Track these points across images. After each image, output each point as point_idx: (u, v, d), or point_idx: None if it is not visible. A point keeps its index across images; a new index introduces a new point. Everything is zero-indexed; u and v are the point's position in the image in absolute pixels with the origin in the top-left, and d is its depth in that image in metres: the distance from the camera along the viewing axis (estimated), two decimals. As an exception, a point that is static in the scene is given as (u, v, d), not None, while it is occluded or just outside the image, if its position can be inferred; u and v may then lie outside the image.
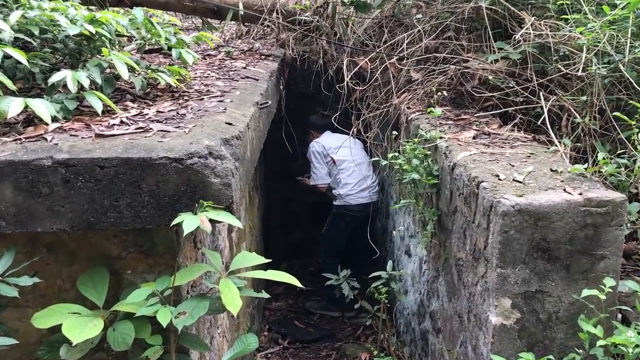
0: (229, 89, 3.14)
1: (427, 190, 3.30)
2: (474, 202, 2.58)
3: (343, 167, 5.22)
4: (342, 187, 5.22)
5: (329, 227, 5.45)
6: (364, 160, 5.32)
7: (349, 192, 5.19)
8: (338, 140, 5.14)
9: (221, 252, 3.20)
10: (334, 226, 5.37)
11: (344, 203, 5.22)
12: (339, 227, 5.33)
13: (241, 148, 2.26)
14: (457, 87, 4.10)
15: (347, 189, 5.20)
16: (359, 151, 5.34)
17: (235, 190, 2.03)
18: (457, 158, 2.89)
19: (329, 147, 5.29)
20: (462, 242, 2.83)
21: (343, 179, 5.22)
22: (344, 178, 5.21)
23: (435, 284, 3.51)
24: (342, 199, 5.23)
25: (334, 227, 5.38)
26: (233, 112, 2.59)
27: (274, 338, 4.91)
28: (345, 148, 4.93)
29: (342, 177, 5.22)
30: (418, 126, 3.69)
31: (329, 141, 5.33)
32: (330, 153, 5.28)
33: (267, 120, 3.40)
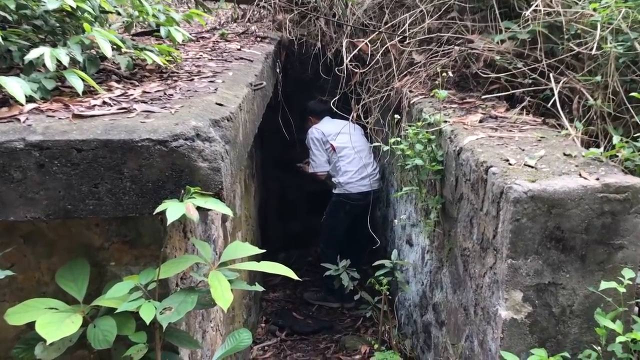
0: (221, 70, 2.97)
1: (430, 177, 3.14)
2: (482, 188, 2.42)
3: (343, 154, 5.04)
4: (342, 175, 5.05)
5: (328, 216, 5.29)
6: (365, 147, 5.15)
7: (349, 180, 5.03)
8: (338, 126, 4.96)
9: (214, 242, 3.05)
10: (334, 215, 5.21)
11: (343, 191, 5.06)
12: (338, 216, 5.17)
13: (232, 130, 2.09)
14: (461, 69, 3.92)
15: (347, 176, 5.03)
16: (359, 137, 5.16)
17: (225, 175, 1.87)
18: (463, 142, 2.73)
19: (329, 133, 5.11)
20: (468, 231, 2.67)
21: (343, 167, 5.05)
22: (343, 165, 5.04)
23: (438, 275, 3.36)
24: (341, 187, 5.06)
25: (333, 216, 5.22)
26: (224, 92, 2.42)
27: (272, 330, 4.77)
28: (345, 134, 4.76)
29: (341, 164, 5.05)
30: (421, 110, 3.52)
31: (329, 127, 5.15)
32: (329, 140, 5.10)
33: (262, 103, 3.23)
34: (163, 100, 2.22)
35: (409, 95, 3.92)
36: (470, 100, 3.56)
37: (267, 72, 3.74)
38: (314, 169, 5.26)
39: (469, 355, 2.75)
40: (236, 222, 3.93)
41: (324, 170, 5.20)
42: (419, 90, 3.96)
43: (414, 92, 3.97)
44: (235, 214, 3.89)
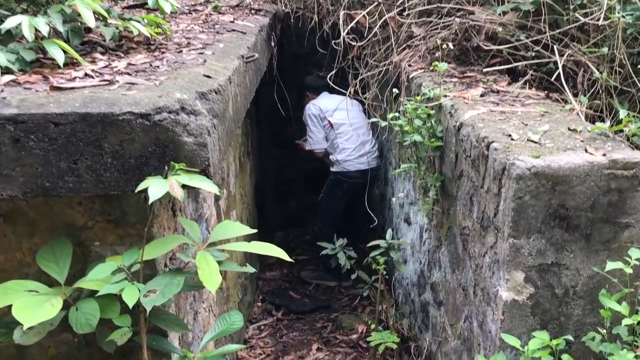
0: (212, 41, 2.85)
1: (429, 153, 3.04)
2: (482, 165, 2.32)
3: (341, 131, 4.91)
4: (340, 153, 4.94)
5: (325, 194, 5.19)
6: (363, 124, 5.03)
7: (347, 157, 4.91)
8: (336, 102, 4.83)
9: (206, 221, 2.96)
10: (331, 193, 5.11)
11: (341, 169, 4.95)
12: (336, 194, 5.07)
13: (221, 104, 1.99)
14: (462, 42, 3.80)
15: (345, 154, 4.91)
16: (358, 113, 5.03)
17: (212, 151, 1.77)
18: (463, 117, 2.62)
19: (326, 109, 4.98)
20: (468, 209, 2.58)
21: (341, 144, 4.92)
22: (341, 143, 4.92)
23: (437, 254, 3.28)
24: (339, 165, 4.95)
25: (331, 194, 5.12)
26: (214, 64, 2.30)
27: (268, 309, 4.71)
28: (343, 110, 4.63)
29: (339, 141, 4.93)
30: (420, 84, 3.41)
31: (326, 103, 5.02)
32: (327, 116, 4.97)
33: (255, 76, 3.11)
34: (148, 72, 2.11)
35: (407, 70, 3.81)
36: (471, 74, 3.45)
37: (261, 45, 3.61)
38: (311, 146, 5.14)
39: (468, 336, 2.68)
40: (230, 200, 3.84)
41: (321, 148, 5.08)
42: (418, 64, 3.84)
43: (413, 66, 3.85)
44: (229, 192, 3.80)
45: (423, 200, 3.47)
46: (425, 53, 3.91)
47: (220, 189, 3.45)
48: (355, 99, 4.71)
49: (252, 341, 4.15)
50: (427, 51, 3.91)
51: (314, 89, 5.29)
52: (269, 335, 4.26)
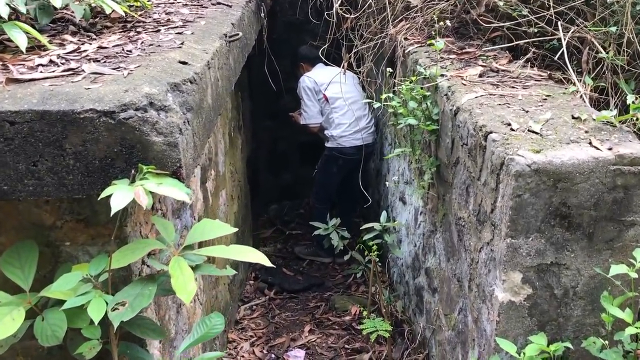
0: (193, 17, 2.67)
1: (425, 136, 2.89)
2: (480, 155, 2.18)
3: (336, 105, 4.72)
4: (335, 128, 4.76)
5: (320, 170, 5.04)
6: (359, 98, 4.83)
7: (343, 133, 4.74)
8: (331, 75, 4.62)
9: (191, 208, 2.83)
10: (326, 170, 4.96)
11: (336, 145, 4.78)
12: (331, 170, 4.92)
13: (197, 94, 1.83)
14: (460, 15, 3.61)
15: (340, 129, 4.74)
16: (354, 87, 4.84)
17: (184, 150, 1.62)
18: (460, 101, 2.47)
19: (321, 82, 4.77)
20: (464, 199, 2.45)
21: (336, 119, 4.74)
22: (337, 118, 4.74)
23: (431, 239, 3.16)
24: (334, 140, 4.78)
25: (325, 170, 4.97)
26: (192, 47, 2.14)
27: (260, 288, 4.62)
28: (339, 84, 4.43)
29: (335, 116, 4.74)
30: (416, 61, 3.24)
31: (321, 76, 4.81)
32: (322, 89, 4.77)
33: (240, 55, 2.94)
34: (119, 59, 1.95)
35: (404, 44, 3.62)
36: (470, 49, 3.27)
37: (249, 18, 3.42)
38: (306, 121, 4.96)
39: (462, 329, 2.58)
40: (219, 180, 3.70)
41: (316, 122, 4.90)
42: (415, 37, 3.65)
43: (409, 39, 3.66)
44: (218, 172, 3.66)
45: (418, 182, 3.33)
46: (422, 25, 3.72)
47: (207, 170, 3.33)
48: (353, 71, 4.52)
49: (244, 322, 4.07)
50: (425, 23, 3.72)
51: (309, 60, 5.07)
52: (261, 316, 4.18)
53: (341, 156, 4.78)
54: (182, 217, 2.63)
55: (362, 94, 4.86)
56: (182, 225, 2.62)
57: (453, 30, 3.65)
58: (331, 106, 4.73)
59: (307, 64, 5.09)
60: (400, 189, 4.16)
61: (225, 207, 3.90)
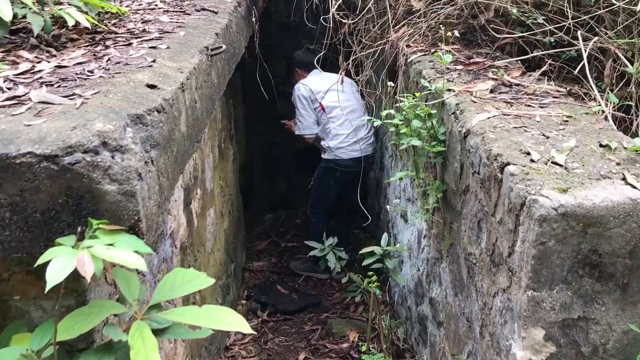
0: (172, 27, 2.39)
1: (430, 158, 2.62)
2: (494, 189, 1.91)
3: (333, 114, 4.43)
4: (332, 139, 4.47)
5: (316, 182, 4.76)
6: (358, 106, 4.55)
7: (340, 144, 4.45)
8: (328, 82, 4.32)
9: (172, 236, 2.56)
10: (322, 182, 4.68)
11: (333, 157, 4.50)
12: (327, 183, 4.63)
13: (165, 125, 1.56)
14: (467, 20, 3.34)
15: (337, 141, 4.45)
16: (352, 95, 4.55)
17: (145, 199, 1.35)
18: (471, 122, 2.19)
19: (317, 90, 4.47)
20: (475, 234, 2.18)
21: (333, 129, 4.45)
22: (334, 128, 4.45)
23: (436, 268, 2.89)
24: (331, 152, 4.49)
25: (322, 183, 4.69)
26: (165, 65, 1.86)
27: (253, 308, 4.35)
28: (336, 92, 4.14)
29: (332, 126, 4.45)
30: (420, 72, 2.96)
31: (318, 83, 4.51)
32: (318, 98, 4.47)
33: (226, 68, 2.66)
34: (76, 82, 1.67)
35: (406, 51, 3.35)
36: (478, 59, 3.00)
37: (238, 25, 3.14)
38: (300, 131, 4.66)
39: (471, 376, 2.31)
40: (207, 199, 3.43)
41: (312, 134, 4.60)
42: (418, 45, 3.37)
43: (412, 47, 3.38)
44: (205, 190, 3.39)
45: (422, 204, 3.06)
46: (426, 31, 3.44)
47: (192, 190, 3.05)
48: (352, 78, 4.25)
49: (234, 348, 3.81)
50: (429, 29, 3.44)
51: (304, 65, 4.77)
52: (253, 341, 3.91)
53: (338, 168, 4.50)
54: (159, 250, 2.36)
55: (361, 103, 4.58)
56: (159, 259, 2.35)
57: (459, 35, 3.37)
58: (328, 116, 4.45)
59: (303, 70, 4.79)
60: (402, 204, 3.88)
61: (214, 227, 3.63)
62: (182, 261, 2.80)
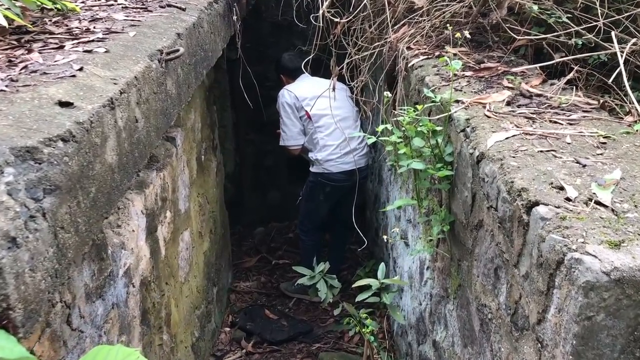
0: (123, 26, 1.98)
1: (434, 183, 2.20)
2: (518, 234, 1.49)
3: (321, 124, 4.01)
4: (320, 150, 4.05)
5: (305, 198, 4.32)
6: (350, 114, 4.12)
7: (329, 156, 4.02)
8: (316, 87, 3.91)
9: (127, 274, 2.15)
10: (311, 198, 4.25)
11: (322, 170, 4.07)
12: (317, 199, 4.21)
13: (76, 158, 1.14)
14: (477, 18, 2.92)
15: (326, 152, 4.02)
16: (344, 102, 4.12)
17: (24, 274, 0.93)
18: (485, 144, 1.77)
19: (303, 97, 4.05)
20: (490, 283, 1.76)
21: (321, 140, 4.03)
22: (322, 139, 4.02)
23: (442, 308, 2.48)
24: (320, 165, 4.07)
25: (311, 199, 4.26)
26: (94, 74, 1.45)
27: (237, 338, 3.93)
28: (325, 98, 3.71)
29: (319, 136, 4.03)
30: (422, 79, 2.55)
31: (304, 89, 4.09)
32: (304, 105, 4.05)
33: (190, 76, 2.23)
34: (-34, 97, 1.26)
35: (406, 54, 2.93)
36: (490, 64, 2.58)
37: (213, 24, 2.72)
38: (284, 142, 4.23)
39: None
40: (180, 221, 3.02)
41: (296, 145, 4.16)
42: (421, 47, 2.96)
43: (413, 49, 2.97)
44: (177, 211, 2.98)
45: (425, 233, 2.65)
46: (429, 32, 3.03)
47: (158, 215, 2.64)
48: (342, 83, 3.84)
49: (213, 387, 3.39)
50: (432, 29, 3.03)
51: (289, 72, 4.33)
52: (234, 378, 3.50)
53: (329, 183, 4.07)
54: (107, 296, 1.95)
55: (354, 109, 4.16)
56: (107, 306, 1.93)
57: (467, 38, 2.96)
58: (315, 125, 4.02)
59: (287, 77, 4.37)
60: (402, 226, 3.47)
61: (189, 252, 3.22)
62: (143, 300, 2.39)
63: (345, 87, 4.15)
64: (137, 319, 2.32)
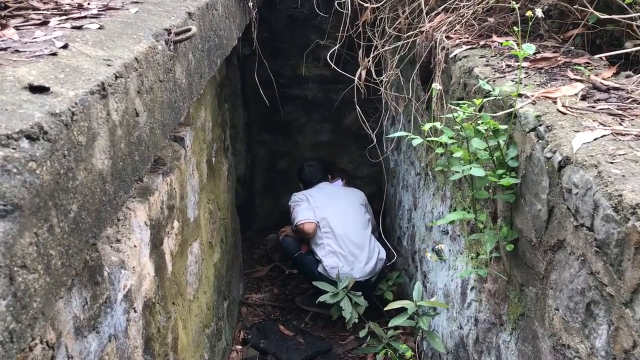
0: (123, 2, 1.64)
1: (493, 193, 1.85)
2: (633, 265, 1.14)
3: (327, 229, 3.79)
4: (326, 256, 3.77)
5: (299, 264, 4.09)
6: (360, 221, 3.90)
7: (335, 264, 3.72)
8: (329, 196, 3.95)
9: (128, 298, 1.82)
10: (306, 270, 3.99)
11: (326, 274, 3.75)
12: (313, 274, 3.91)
13: (49, 164, 0.80)
14: (526, 3, 2.58)
15: (331, 260, 3.73)
16: (355, 207, 3.95)
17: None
18: (569, 146, 1.43)
19: (313, 198, 3.97)
20: (579, 320, 1.41)
21: (327, 246, 3.79)
22: (327, 245, 3.79)
23: (493, 337, 2.13)
24: (324, 269, 3.77)
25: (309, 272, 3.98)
26: (82, 52, 1.11)
27: (250, 358, 3.59)
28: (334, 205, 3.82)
29: (325, 242, 3.80)
30: (469, 71, 2.21)
31: (316, 193, 4.07)
32: (313, 206, 3.91)
33: (203, 64, 1.89)
34: None
35: (445, 44, 2.59)
36: (548, 54, 2.24)
37: (228, 8, 2.38)
38: (297, 219, 3.91)
39: None
40: (188, 231, 2.68)
41: (308, 219, 3.84)
42: (462, 36, 2.62)
43: (453, 38, 2.63)
44: (186, 220, 2.64)
45: (468, 246, 2.30)
46: (471, 19, 2.69)
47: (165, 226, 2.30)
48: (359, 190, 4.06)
49: (224, 415, 3.05)
50: (474, 16, 2.69)
51: (308, 185, 4.28)
52: (248, 404, 3.15)
53: None
54: (102, 327, 1.62)
55: (367, 217, 3.94)
56: (102, 340, 1.60)
57: (511, 24, 2.63)
58: (322, 229, 3.80)
59: (305, 187, 4.31)
60: (434, 237, 3.12)
61: (199, 265, 2.88)
62: (147, 326, 2.05)
63: (361, 193, 4.07)
64: (139, 349, 1.98)
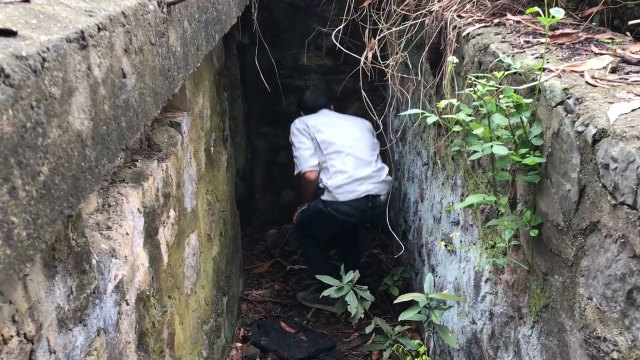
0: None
1: (515, 174, 1.71)
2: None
3: (331, 150, 3.65)
4: (331, 178, 3.61)
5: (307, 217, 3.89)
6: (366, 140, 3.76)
7: (340, 182, 3.58)
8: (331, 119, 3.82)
9: (119, 289, 1.68)
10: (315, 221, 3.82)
11: (332, 199, 3.60)
12: (321, 223, 3.79)
13: (10, 113, 0.66)
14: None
15: (337, 179, 3.59)
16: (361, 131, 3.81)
17: None
18: (604, 118, 1.29)
19: (313, 125, 3.76)
20: (617, 309, 1.27)
21: (331, 168, 3.63)
22: (332, 166, 3.63)
23: (511, 331, 1.99)
24: (329, 192, 3.62)
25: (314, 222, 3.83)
26: (62, 2, 0.96)
27: (250, 356, 3.44)
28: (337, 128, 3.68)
29: (330, 164, 3.64)
30: (485, 47, 2.07)
31: (317, 119, 3.83)
32: (314, 132, 3.72)
33: (200, 36, 1.74)
34: None
35: (457, 23, 2.45)
36: (568, 30, 2.10)
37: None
38: (298, 169, 3.77)
39: None
40: (185, 221, 2.54)
41: (312, 167, 3.69)
42: (474, 15, 2.48)
43: (464, 17, 2.49)
44: (183, 210, 2.50)
45: (482, 236, 2.16)
46: (483, -2, 2.55)
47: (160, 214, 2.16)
48: None
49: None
50: (487, -5, 2.55)
51: (309, 111, 4.02)
52: (248, 404, 3.01)
53: (337, 216, 3.64)
54: (90, 320, 1.48)
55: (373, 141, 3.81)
56: (90, 333, 1.46)
57: (526, 2, 2.50)
58: (325, 152, 3.65)
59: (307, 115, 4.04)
60: (443, 229, 2.98)
61: (196, 257, 2.74)
62: (140, 320, 1.91)
63: (367, 122, 3.88)
64: (132, 345, 1.84)
